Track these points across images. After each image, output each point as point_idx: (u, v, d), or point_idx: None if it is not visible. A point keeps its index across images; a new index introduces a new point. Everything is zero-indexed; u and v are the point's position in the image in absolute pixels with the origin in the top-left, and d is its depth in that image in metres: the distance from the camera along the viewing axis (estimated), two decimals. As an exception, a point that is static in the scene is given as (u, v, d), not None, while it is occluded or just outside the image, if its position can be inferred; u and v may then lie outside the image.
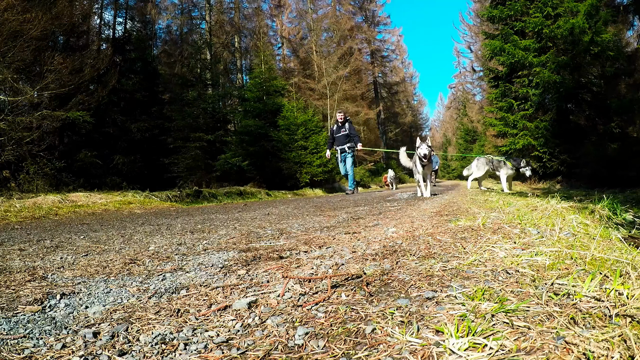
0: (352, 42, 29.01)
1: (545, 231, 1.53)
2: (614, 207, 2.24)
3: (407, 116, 40.71)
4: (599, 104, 9.49)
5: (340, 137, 8.57)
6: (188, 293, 1.11)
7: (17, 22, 6.37)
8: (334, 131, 8.69)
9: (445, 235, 1.70)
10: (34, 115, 7.02)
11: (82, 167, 9.60)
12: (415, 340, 0.70)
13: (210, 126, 13.73)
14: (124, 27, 17.43)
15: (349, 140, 8.46)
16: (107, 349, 0.75)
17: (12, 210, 4.26)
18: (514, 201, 3.23)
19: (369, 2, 34.57)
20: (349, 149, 8.48)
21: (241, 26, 23.66)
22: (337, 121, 8.76)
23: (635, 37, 11.60)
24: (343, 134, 8.52)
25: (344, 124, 8.59)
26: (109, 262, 1.56)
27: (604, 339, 0.62)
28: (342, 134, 8.54)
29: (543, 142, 10.36)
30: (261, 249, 1.71)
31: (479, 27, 25.22)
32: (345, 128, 8.51)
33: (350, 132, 8.47)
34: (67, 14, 8.41)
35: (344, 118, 8.65)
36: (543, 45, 10.34)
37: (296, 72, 25.34)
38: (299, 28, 28.87)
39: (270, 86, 14.08)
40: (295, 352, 0.71)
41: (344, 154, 8.54)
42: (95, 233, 2.57)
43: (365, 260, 1.37)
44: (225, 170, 12.21)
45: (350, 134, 8.46)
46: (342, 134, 8.53)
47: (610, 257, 1.06)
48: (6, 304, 1.02)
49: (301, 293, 1.04)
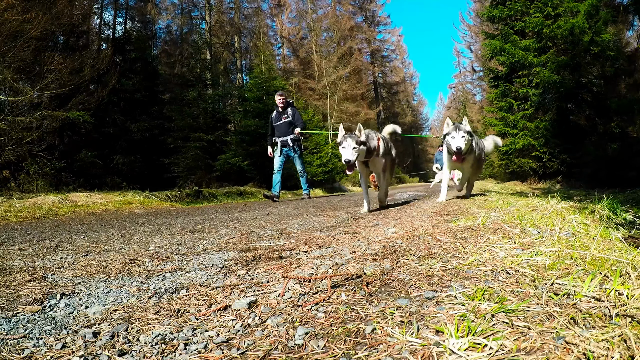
0: (352, 42, 29.01)
1: (545, 231, 1.53)
2: (614, 207, 2.24)
3: (407, 116, 40.68)
4: (599, 104, 9.50)
5: (281, 125, 6.52)
6: (188, 293, 1.11)
7: (17, 22, 6.37)
8: (273, 119, 6.65)
9: (445, 235, 1.70)
10: (34, 115, 7.02)
11: (82, 167, 9.59)
12: (415, 340, 0.70)
13: (210, 126, 13.73)
14: (124, 27, 17.44)
15: (293, 130, 6.45)
16: (107, 349, 0.75)
17: (12, 210, 4.26)
18: (514, 201, 3.23)
19: (369, 2, 34.56)
20: (293, 142, 6.45)
21: (241, 26, 23.65)
22: (276, 106, 6.69)
23: (635, 37, 11.59)
24: (285, 122, 6.48)
25: (285, 109, 6.56)
26: (109, 262, 1.56)
27: (604, 339, 0.62)
28: (283, 121, 6.50)
29: (543, 142, 10.36)
30: (261, 249, 1.71)
31: (479, 27, 25.21)
32: (288, 114, 6.51)
33: (294, 120, 6.52)
34: (67, 14, 8.41)
35: (285, 101, 6.60)
36: (543, 45, 10.34)
37: (296, 72, 25.34)
38: (299, 28, 28.87)
39: (270, 86, 14.08)
40: (295, 352, 0.71)
41: (287, 149, 6.52)
42: (95, 233, 2.57)
43: (365, 260, 1.37)
44: (225, 170, 12.21)
45: (294, 121, 6.51)
46: (284, 121, 6.49)
47: (610, 257, 1.06)
48: (6, 304, 1.02)
49: (301, 293, 1.04)
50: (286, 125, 6.49)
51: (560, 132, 10.04)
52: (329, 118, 20.99)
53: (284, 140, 6.48)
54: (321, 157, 13.80)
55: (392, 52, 38.62)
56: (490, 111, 13.12)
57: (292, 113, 6.56)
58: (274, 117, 6.66)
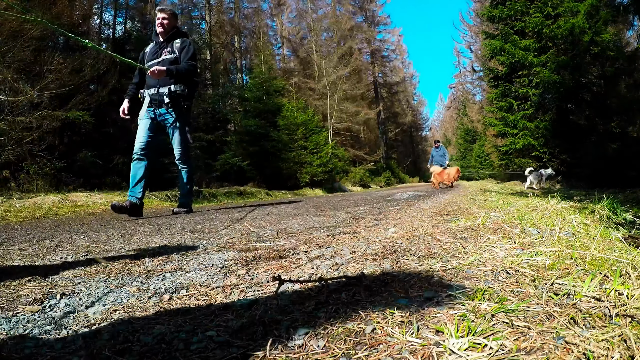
0: (352, 42, 29.02)
1: (545, 231, 1.53)
2: (614, 207, 2.24)
3: (407, 116, 40.72)
4: (599, 104, 9.50)
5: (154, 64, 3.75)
6: (188, 293, 1.11)
7: (17, 22, 6.37)
8: (146, 55, 3.93)
9: (445, 235, 1.70)
10: (34, 115, 7.02)
11: (82, 167, 9.59)
12: (415, 340, 0.70)
13: (210, 126, 13.74)
14: (124, 27, 17.43)
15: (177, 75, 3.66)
16: (107, 349, 0.75)
17: (12, 210, 4.26)
18: (514, 201, 3.23)
19: (369, 2, 34.58)
20: (172, 99, 3.70)
21: (241, 26, 23.66)
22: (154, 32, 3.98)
23: (635, 37, 11.60)
24: (164, 61, 3.76)
25: (171, 39, 3.85)
26: (109, 262, 1.56)
27: (604, 339, 0.62)
28: (162, 59, 3.77)
29: (543, 142, 10.38)
30: (261, 249, 1.71)
31: (479, 27, 25.23)
32: (173, 48, 3.80)
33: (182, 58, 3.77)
34: (67, 14, 8.42)
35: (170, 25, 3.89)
36: (543, 45, 10.35)
37: (296, 72, 25.35)
38: (299, 28, 28.88)
39: (270, 86, 14.10)
40: (295, 351, 0.71)
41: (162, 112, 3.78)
42: (95, 233, 2.57)
43: (365, 260, 1.37)
44: (225, 170, 12.22)
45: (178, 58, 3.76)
46: (164, 59, 3.76)
47: (610, 257, 1.06)
48: (6, 304, 1.02)
49: (301, 293, 1.04)
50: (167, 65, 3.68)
51: (560, 132, 10.05)
52: (329, 118, 21.00)
53: (158, 96, 3.70)
54: (321, 157, 13.80)
55: (392, 52, 38.69)
56: (490, 111, 13.13)
57: (180, 47, 3.79)
58: (148, 51, 3.93)
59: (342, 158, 18.24)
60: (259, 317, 0.89)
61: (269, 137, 12.88)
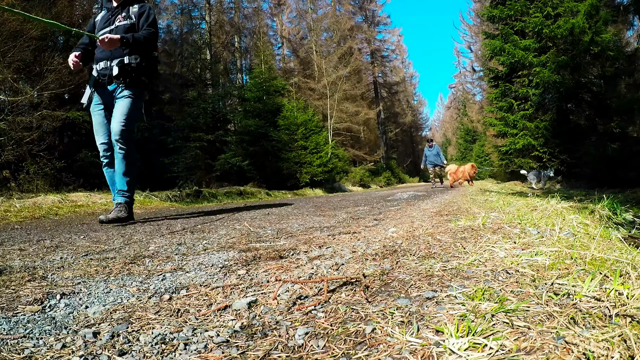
0: (352, 42, 29.02)
1: (545, 231, 1.53)
2: (614, 207, 2.24)
3: (407, 116, 40.74)
4: (599, 103, 9.50)
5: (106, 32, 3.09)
6: (188, 293, 1.11)
7: (17, 22, 6.37)
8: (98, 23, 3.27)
9: (445, 235, 1.70)
10: (34, 115, 7.02)
11: (82, 167, 9.58)
12: (415, 340, 0.70)
13: (210, 126, 13.74)
14: (124, 27, 17.40)
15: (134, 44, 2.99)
16: (107, 349, 0.75)
17: (12, 210, 4.26)
18: (514, 201, 3.23)
19: (369, 2, 34.58)
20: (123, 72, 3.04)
21: (241, 26, 23.66)
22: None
23: (635, 37, 11.60)
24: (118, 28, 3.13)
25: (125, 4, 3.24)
26: (109, 262, 1.56)
27: (604, 339, 0.62)
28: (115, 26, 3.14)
29: (543, 142, 10.38)
30: (261, 249, 1.71)
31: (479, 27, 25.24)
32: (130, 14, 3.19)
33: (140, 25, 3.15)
34: (67, 14, 8.41)
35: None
36: (543, 45, 10.35)
37: (296, 72, 25.36)
38: (299, 28, 28.89)
39: (270, 86, 14.09)
40: (295, 351, 0.71)
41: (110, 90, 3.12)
42: (95, 233, 2.57)
43: (366, 260, 1.37)
44: (225, 170, 12.22)
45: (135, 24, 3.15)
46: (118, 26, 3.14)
47: (610, 257, 1.06)
48: (6, 304, 1.02)
49: (301, 293, 1.04)
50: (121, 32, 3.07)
51: (560, 132, 10.05)
52: (329, 118, 21.00)
53: (107, 70, 3.08)
54: (321, 157, 13.80)
55: (392, 52, 38.68)
56: (490, 111, 13.13)
57: (138, 12, 3.19)
58: (99, 19, 3.29)
59: (342, 158, 18.25)
60: (259, 317, 0.89)
61: (269, 137, 12.89)
